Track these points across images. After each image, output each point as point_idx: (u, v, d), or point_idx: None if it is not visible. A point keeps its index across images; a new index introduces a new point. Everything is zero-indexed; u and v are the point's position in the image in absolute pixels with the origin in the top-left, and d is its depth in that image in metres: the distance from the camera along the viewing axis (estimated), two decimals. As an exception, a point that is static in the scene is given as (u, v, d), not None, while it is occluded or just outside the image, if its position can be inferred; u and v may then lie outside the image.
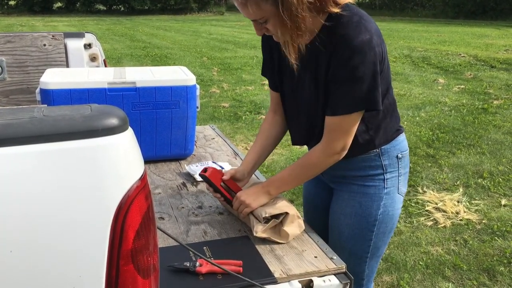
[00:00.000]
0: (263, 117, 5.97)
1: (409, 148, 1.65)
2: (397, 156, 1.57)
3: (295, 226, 1.50)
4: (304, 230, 1.54)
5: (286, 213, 1.49)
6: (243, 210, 1.54)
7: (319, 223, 1.77)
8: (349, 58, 1.32)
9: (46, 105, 1.06)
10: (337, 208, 1.64)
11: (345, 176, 1.61)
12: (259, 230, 1.46)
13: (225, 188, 1.61)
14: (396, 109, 1.59)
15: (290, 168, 1.55)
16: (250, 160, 1.67)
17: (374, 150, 1.54)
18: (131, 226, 0.83)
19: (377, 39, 1.35)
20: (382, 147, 1.54)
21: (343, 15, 1.34)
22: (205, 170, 1.62)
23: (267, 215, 1.48)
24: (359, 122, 1.44)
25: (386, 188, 1.57)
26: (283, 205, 1.52)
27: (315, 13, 1.34)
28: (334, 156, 1.48)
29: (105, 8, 33.65)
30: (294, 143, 1.67)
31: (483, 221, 3.37)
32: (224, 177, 1.62)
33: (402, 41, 14.23)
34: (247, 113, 6.23)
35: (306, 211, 1.90)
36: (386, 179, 1.56)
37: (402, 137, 1.60)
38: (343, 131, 1.43)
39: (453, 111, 6.36)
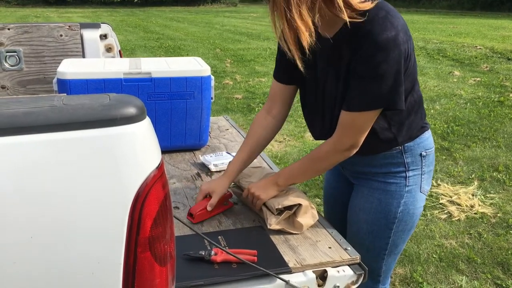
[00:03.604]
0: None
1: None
2: (421, 154, 1.51)
3: (308, 216, 1.50)
4: (318, 220, 1.54)
5: (299, 204, 1.49)
6: (255, 203, 1.54)
7: (338, 216, 1.76)
8: (372, 55, 1.28)
9: (65, 94, 1.08)
10: (357, 204, 1.61)
11: (366, 173, 1.58)
12: (273, 223, 1.47)
13: (215, 208, 1.58)
14: (422, 105, 1.53)
15: (300, 161, 1.53)
16: (235, 170, 1.60)
17: (397, 148, 1.49)
18: (148, 214, 0.84)
19: (404, 36, 1.29)
20: (405, 144, 1.49)
21: (369, 10, 1.29)
22: (190, 214, 1.54)
23: (280, 207, 1.48)
24: (374, 120, 1.39)
25: (408, 186, 1.52)
26: (296, 196, 1.52)
27: (327, 9, 1.28)
28: (343, 152, 1.43)
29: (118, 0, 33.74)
30: (316, 138, 1.62)
31: (498, 215, 3.34)
32: (208, 207, 1.54)
33: (417, 33, 14.07)
34: (260, 104, 6.22)
35: (326, 204, 1.90)
36: (408, 177, 1.51)
37: (427, 135, 1.54)
38: (356, 128, 1.39)
39: (468, 104, 6.29)
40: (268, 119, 1.62)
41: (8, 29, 2.73)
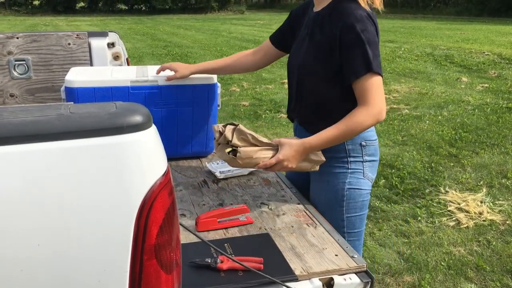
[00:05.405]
0: (283, 115, 5.96)
1: (424, 145, 1.64)
2: (361, 143, 1.69)
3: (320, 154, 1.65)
4: (325, 228, 1.54)
5: None
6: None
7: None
8: (353, 25, 1.52)
9: (72, 103, 1.08)
10: (311, 187, 1.80)
11: None
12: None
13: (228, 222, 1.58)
14: None
15: (335, 128, 1.57)
16: (205, 65, 1.96)
17: None
18: (154, 221, 0.84)
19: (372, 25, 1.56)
20: None
21: None
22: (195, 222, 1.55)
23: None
24: (382, 87, 1.56)
25: (350, 169, 1.70)
26: None
27: None
28: (377, 116, 1.55)
29: (126, 8, 34.03)
30: (287, 112, 1.86)
31: (507, 222, 3.31)
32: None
33: (424, 39, 14.05)
34: (267, 111, 6.23)
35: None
36: (350, 162, 1.70)
37: (369, 129, 1.68)
38: (374, 89, 1.54)
39: (476, 110, 6.25)
40: (251, 55, 1.97)
41: (17, 38, 2.76)
